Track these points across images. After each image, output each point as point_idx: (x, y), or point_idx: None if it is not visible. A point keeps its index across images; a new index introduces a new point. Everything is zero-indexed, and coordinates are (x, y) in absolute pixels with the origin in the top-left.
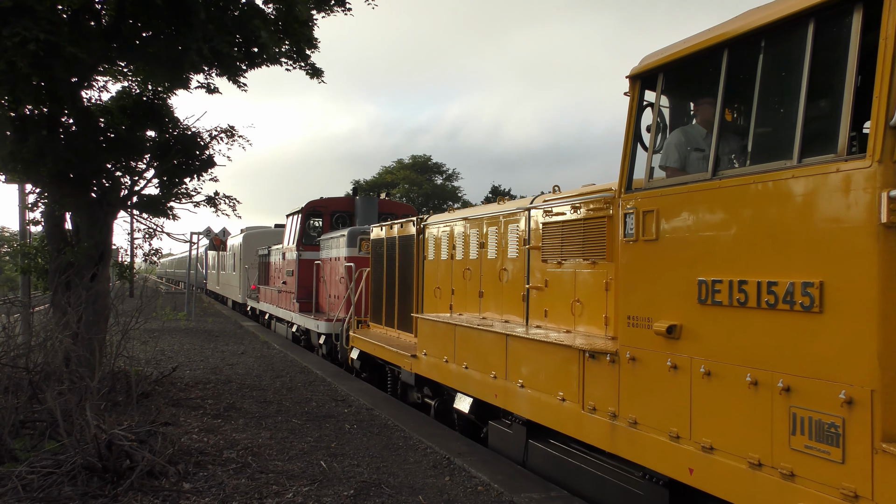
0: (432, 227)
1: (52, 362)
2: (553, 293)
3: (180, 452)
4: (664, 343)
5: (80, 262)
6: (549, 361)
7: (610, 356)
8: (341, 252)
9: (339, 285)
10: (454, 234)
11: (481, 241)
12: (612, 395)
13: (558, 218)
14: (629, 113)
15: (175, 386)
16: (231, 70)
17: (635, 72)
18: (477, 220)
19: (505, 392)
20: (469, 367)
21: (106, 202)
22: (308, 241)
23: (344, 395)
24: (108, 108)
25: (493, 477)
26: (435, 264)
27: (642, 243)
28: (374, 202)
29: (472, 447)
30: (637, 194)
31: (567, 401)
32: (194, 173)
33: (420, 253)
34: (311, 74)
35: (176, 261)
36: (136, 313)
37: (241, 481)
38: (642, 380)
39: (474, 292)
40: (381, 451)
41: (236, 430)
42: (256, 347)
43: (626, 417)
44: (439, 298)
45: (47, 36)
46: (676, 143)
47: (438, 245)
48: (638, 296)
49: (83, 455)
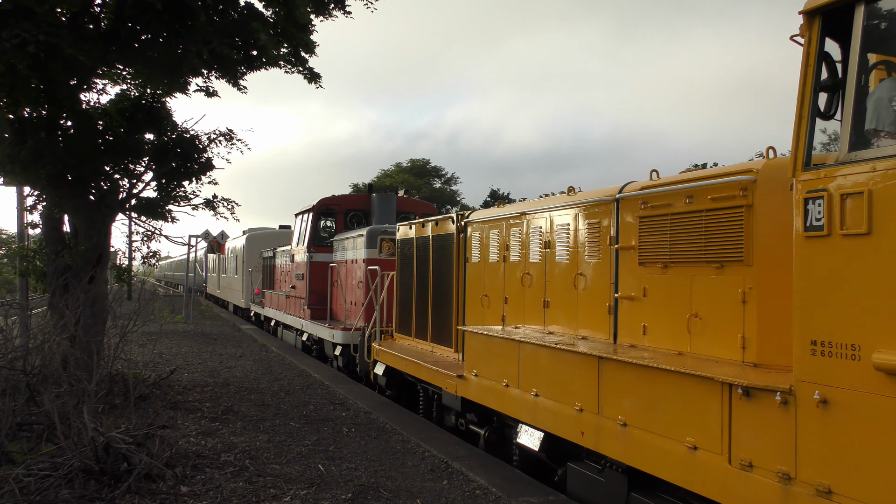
0: (477, 224)
1: (50, 365)
2: (655, 305)
3: (178, 455)
4: (890, 383)
5: (78, 265)
6: (671, 395)
7: (781, 395)
8: (359, 254)
9: (357, 290)
10: (507, 233)
11: (546, 240)
12: (783, 450)
13: (664, 210)
14: (805, 63)
15: (173, 389)
16: (230, 73)
17: (814, 5)
18: (539, 214)
19: (597, 430)
20: (540, 395)
21: (104, 205)
22: (319, 242)
23: (342, 399)
24: (106, 110)
25: (490, 481)
26: (480, 268)
27: (840, 239)
28: (391, 200)
29: (470, 451)
30: (827, 171)
31: (701, 450)
32: (192, 176)
33: (461, 255)
34: (310, 79)
35: (175, 263)
36: (134, 316)
37: (239, 484)
38: (845, 432)
39: (536, 302)
40: (378, 454)
41: (234, 433)
42: (254, 350)
43: (813, 483)
44: (487, 308)
45: (47, 38)
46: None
47: (485, 245)
48: (833, 312)
49: (80, 458)
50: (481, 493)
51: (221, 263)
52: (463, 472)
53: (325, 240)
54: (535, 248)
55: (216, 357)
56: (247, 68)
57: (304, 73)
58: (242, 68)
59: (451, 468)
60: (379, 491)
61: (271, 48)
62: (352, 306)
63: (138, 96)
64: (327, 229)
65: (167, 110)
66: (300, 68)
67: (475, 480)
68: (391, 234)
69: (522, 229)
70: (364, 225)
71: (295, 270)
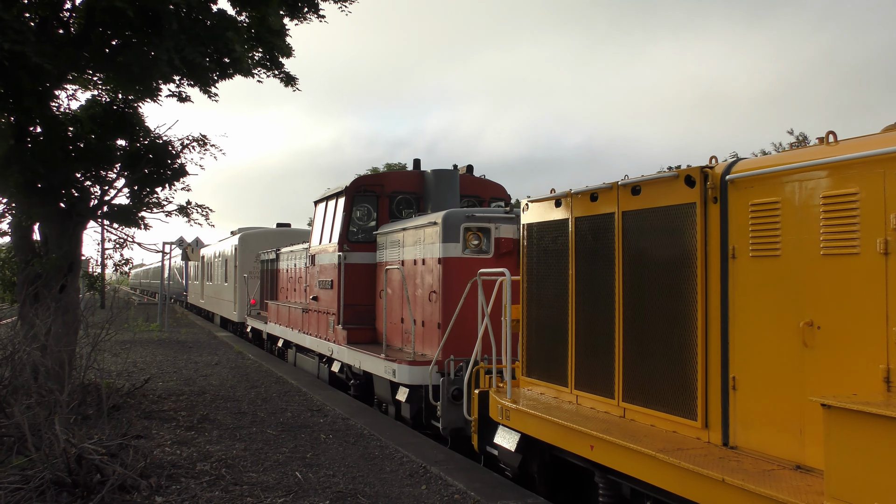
0: (765, 182)
1: (20, 376)
2: None
3: (152, 465)
4: None
5: (49, 274)
6: None
7: None
8: (430, 251)
9: (429, 305)
10: None
11: None
12: None
13: None
14: None
15: (147, 398)
16: (203, 80)
17: None
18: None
19: None
20: None
21: (75, 212)
22: (359, 236)
23: (319, 405)
24: (77, 116)
25: (469, 485)
26: (785, 267)
27: None
28: (453, 179)
29: (448, 455)
30: None
31: None
32: (166, 182)
33: (711, 244)
34: (286, 82)
35: (151, 271)
36: (106, 325)
37: (215, 494)
38: None
39: None
40: (357, 460)
41: (210, 442)
42: (231, 358)
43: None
44: (815, 349)
45: (12, 46)
46: None
47: (801, 222)
48: None
49: (52, 470)
50: (460, 497)
51: (206, 269)
52: (441, 476)
53: (364, 234)
54: None
55: (192, 365)
56: (219, 76)
57: (281, 77)
58: (215, 76)
59: (430, 473)
60: (357, 497)
61: (245, 60)
62: (423, 328)
63: (109, 102)
64: (359, 221)
65: (139, 116)
66: (276, 72)
67: (454, 485)
68: (483, 223)
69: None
70: (417, 212)
71: (318, 276)
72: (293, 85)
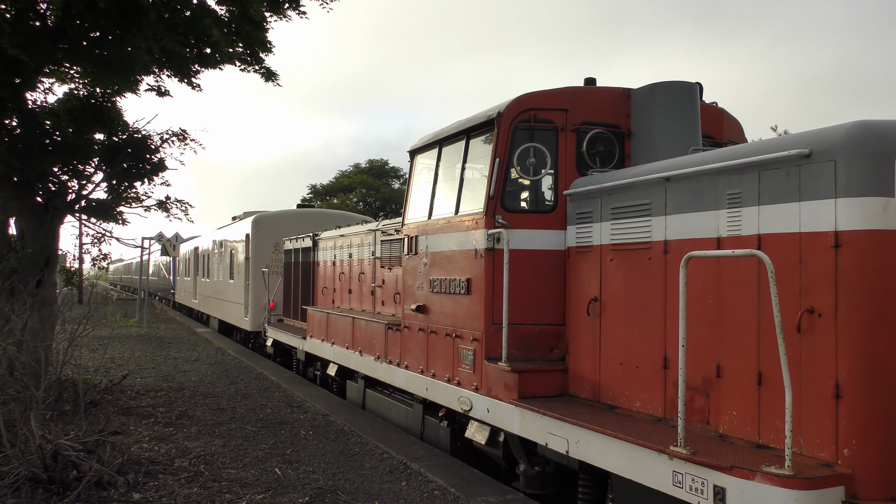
0: None
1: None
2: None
3: (130, 462)
4: None
5: (25, 268)
6: None
7: None
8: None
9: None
10: None
11: None
12: None
13: None
14: None
15: (125, 394)
16: (183, 71)
17: None
18: None
19: None
20: None
21: (52, 206)
22: (512, 202)
23: (300, 401)
24: (54, 110)
25: (449, 481)
26: None
27: None
28: (691, 102)
29: (429, 451)
30: None
31: None
32: (145, 177)
33: None
34: (266, 77)
35: (133, 266)
36: (84, 320)
37: (194, 490)
38: None
39: None
40: (336, 457)
41: (188, 438)
42: (210, 354)
43: None
44: None
45: None
46: None
47: None
48: None
49: (27, 466)
50: (440, 493)
51: (201, 263)
52: (422, 472)
53: (534, 195)
54: None
55: (170, 361)
56: (200, 66)
57: (261, 72)
58: (196, 66)
59: (410, 469)
60: (337, 494)
61: (224, 45)
62: (734, 381)
63: (87, 96)
64: (522, 174)
65: (118, 110)
66: (256, 67)
67: (434, 481)
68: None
69: None
70: (619, 153)
71: (425, 271)
72: (273, 80)
